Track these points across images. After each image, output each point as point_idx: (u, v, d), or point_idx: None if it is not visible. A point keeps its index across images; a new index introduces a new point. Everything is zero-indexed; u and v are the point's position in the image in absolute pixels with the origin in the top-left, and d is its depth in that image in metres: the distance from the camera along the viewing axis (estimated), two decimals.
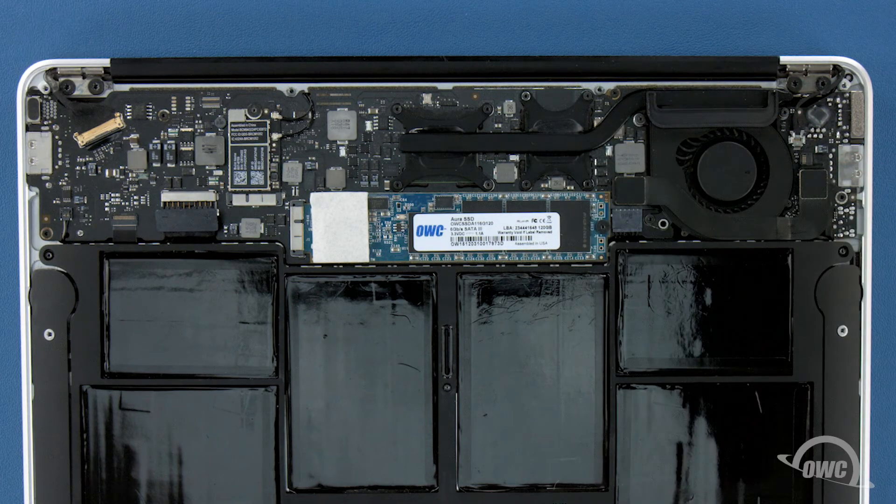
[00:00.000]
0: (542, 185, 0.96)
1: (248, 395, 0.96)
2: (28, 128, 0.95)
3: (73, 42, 0.99)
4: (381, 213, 0.96)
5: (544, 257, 0.96)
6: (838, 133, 0.96)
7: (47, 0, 0.99)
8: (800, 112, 0.95)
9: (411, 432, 0.96)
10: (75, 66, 0.94)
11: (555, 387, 0.96)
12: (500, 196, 0.96)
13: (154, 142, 0.96)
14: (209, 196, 0.95)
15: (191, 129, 0.96)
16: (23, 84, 0.94)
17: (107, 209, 0.96)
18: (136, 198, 0.96)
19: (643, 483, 0.97)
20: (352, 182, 0.96)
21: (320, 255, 0.95)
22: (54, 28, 0.99)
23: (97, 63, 0.94)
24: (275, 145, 0.96)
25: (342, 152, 0.96)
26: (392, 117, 0.96)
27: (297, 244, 0.96)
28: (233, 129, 0.95)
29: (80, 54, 0.98)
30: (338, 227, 0.95)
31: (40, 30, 0.99)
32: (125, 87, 0.95)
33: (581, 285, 0.96)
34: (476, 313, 0.96)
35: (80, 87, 0.95)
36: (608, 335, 0.96)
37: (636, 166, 0.96)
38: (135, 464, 0.96)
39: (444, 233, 0.96)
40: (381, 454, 0.96)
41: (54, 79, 0.94)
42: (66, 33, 0.99)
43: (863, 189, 0.96)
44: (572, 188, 0.96)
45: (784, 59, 0.95)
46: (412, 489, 0.96)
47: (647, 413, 0.96)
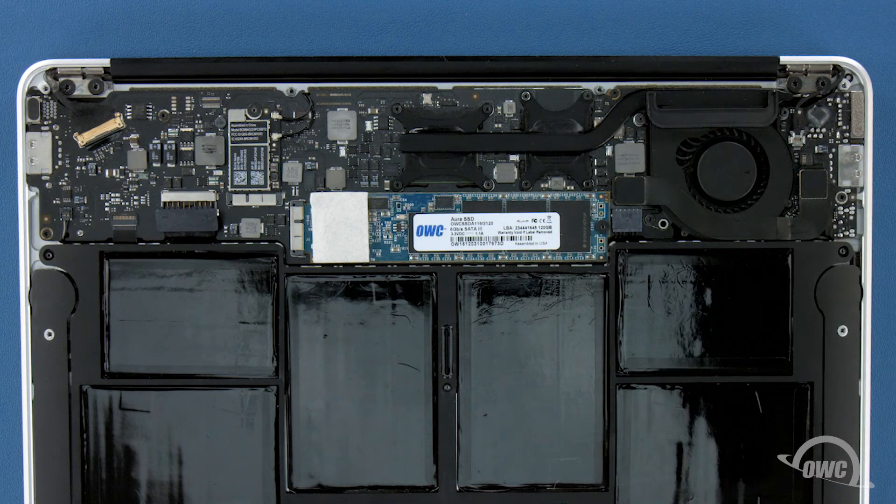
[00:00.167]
0: (542, 185, 0.96)
1: (248, 395, 0.96)
2: (28, 128, 0.95)
3: (73, 42, 0.99)
4: (381, 213, 0.96)
5: (544, 257, 0.96)
6: (838, 133, 0.96)
7: (47, 0, 0.99)
8: (800, 112, 0.95)
9: (411, 432, 0.96)
10: (75, 66, 0.94)
11: (555, 387, 0.96)
12: (500, 196, 0.96)
13: (154, 142, 0.96)
14: (209, 196, 0.95)
15: (191, 129, 0.96)
16: (23, 84, 0.94)
17: (107, 209, 0.96)
18: (136, 198, 0.96)
19: (643, 483, 0.96)
20: (352, 182, 0.96)
21: (320, 255, 0.95)
22: (54, 28, 0.99)
23: (97, 63, 0.94)
24: (275, 145, 0.96)
25: (342, 152, 0.96)
26: (392, 117, 0.96)
27: (297, 244, 0.96)
28: (233, 129, 0.95)
29: (80, 54, 0.98)
30: (338, 227, 0.95)
31: (40, 30, 0.99)
32: (125, 87, 0.95)
33: (581, 285, 0.96)
34: (476, 313, 0.96)
35: (80, 87, 0.95)
36: (608, 335, 0.96)
37: (636, 166, 0.96)
38: (135, 464, 0.96)
39: (444, 233, 0.96)
40: (381, 454, 0.96)
41: (54, 79, 0.94)
42: (66, 33, 0.99)
43: (863, 189, 0.96)
44: (572, 188, 0.96)
45: (784, 59, 0.95)
46: (412, 489, 0.96)
47: (647, 413, 0.96)
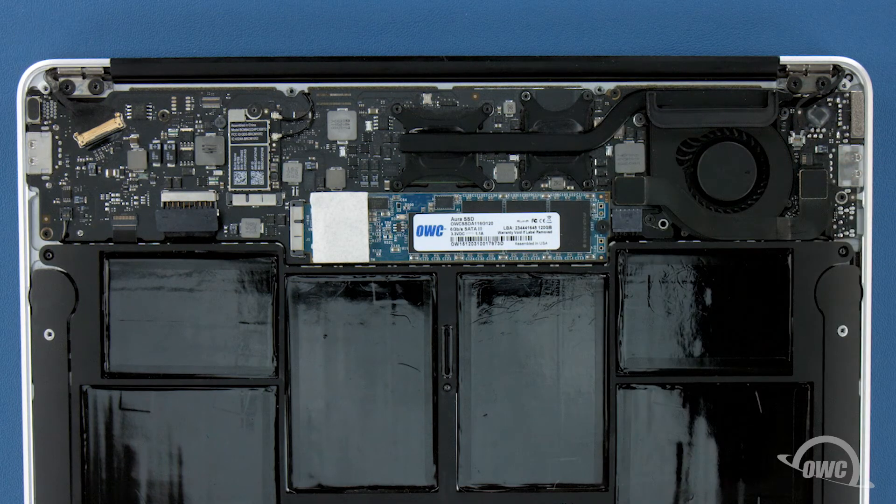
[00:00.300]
0: (542, 185, 0.96)
1: (248, 395, 0.96)
2: (28, 128, 0.95)
3: (73, 42, 0.99)
4: (381, 213, 0.96)
5: (544, 257, 0.96)
6: (838, 133, 0.96)
7: (47, 0, 0.99)
8: (800, 112, 0.95)
9: (411, 432, 0.96)
10: (75, 66, 0.94)
11: (555, 387, 0.96)
12: (500, 196, 0.96)
13: (154, 142, 0.96)
14: (209, 196, 0.95)
15: (191, 129, 0.96)
16: (23, 84, 0.94)
17: (107, 209, 0.96)
18: (136, 198, 0.96)
19: (643, 483, 0.96)
20: (352, 182, 0.96)
21: (320, 255, 0.95)
22: (54, 28, 0.99)
23: (97, 63, 0.94)
24: (275, 145, 0.96)
25: (342, 152, 0.96)
26: (392, 117, 0.96)
27: (297, 244, 0.96)
28: (233, 129, 0.95)
29: (80, 54, 0.98)
30: (338, 227, 0.95)
31: (40, 30, 0.99)
32: (125, 87, 0.95)
33: (581, 285, 0.96)
34: (476, 313, 0.96)
35: (80, 87, 0.95)
36: (608, 335, 0.96)
37: (636, 166, 0.96)
38: (135, 464, 0.96)
39: (444, 233, 0.96)
40: (381, 454, 0.96)
41: (54, 79, 0.94)
42: (66, 33, 0.99)
43: (863, 189, 0.96)
44: (572, 188, 0.96)
45: (784, 59, 0.95)
46: (412, 489, 0.96)
47: (647, 413, 0.96)
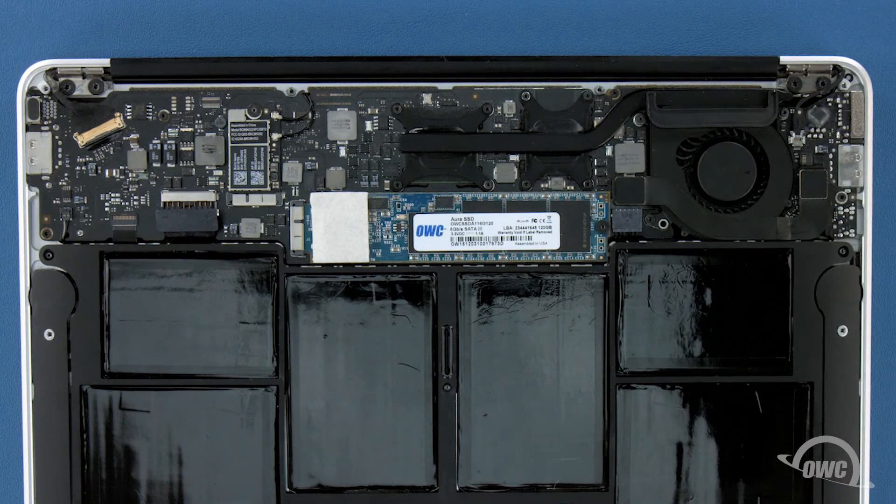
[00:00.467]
0: (542, 185, 0.96)
1: (248, 395, 0.96)
2: (28, 128, 0.95)
3: (73, 42, 0.99)
4: (381, 213, 0.96)
5: (544, 257, 0.96)
6: (838, 133, 0.96)
7: (47, 0, 0.99)
8: (800, 112, 0.95)
9: (411, 432, 0.96)
10: (75, 66, 0.94)
11: (555, 387, 0.96)
12: (500, 196, 0.96)
13: (154, 142, 0.96)
14: (209, 196, 0.95)
15: (191, 129, 0.96)
16: (23, 84, 0.94)
17: (107, 209, 0.96)
18: (136, 198, 0.96)
19: (643, 483, 0.96)
20: (352, 182, 0.96)
21: (320, 255, 0.95)
22: (54, 28, 0.99)
23: (97, 63, 0.94)
24: (275, 145, 0.96)
25: (342, 152, 0.96)
26: (392, 117, 0.96)
27: (297, 244, 0.96)
28: (233, 129, 0.95)
29: (80, 54, 0.98)
30: (338, 227, 0.95)
31: (40, 30, 0.99)
32: (125, 87, 0.95)
33: (581, 285, 0.96)
34: (476, 313, 0.96)
35: (80, 87, 0.95)
36: (608, 335, 0.96)
37: (636, 166, 0.96)
38: (135, 464, 0.96)
39: (444, 233, 0.96)
40: (381, 454, 0.96)
41: (54, 79, 0.94)
42: (66, 33, 0.99)
43: (863, 189, 0.96)
44: (572, 188, 0.96)
45: (784, 59, 0.95)
46: (412, 489, 0.96)
47: (647, 413, 0.96)
